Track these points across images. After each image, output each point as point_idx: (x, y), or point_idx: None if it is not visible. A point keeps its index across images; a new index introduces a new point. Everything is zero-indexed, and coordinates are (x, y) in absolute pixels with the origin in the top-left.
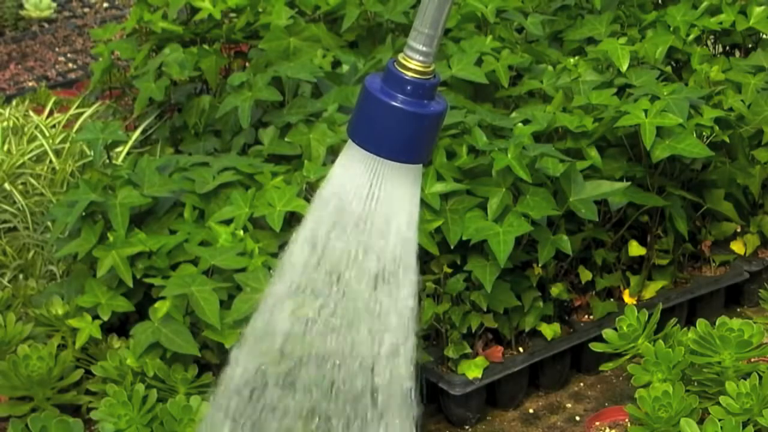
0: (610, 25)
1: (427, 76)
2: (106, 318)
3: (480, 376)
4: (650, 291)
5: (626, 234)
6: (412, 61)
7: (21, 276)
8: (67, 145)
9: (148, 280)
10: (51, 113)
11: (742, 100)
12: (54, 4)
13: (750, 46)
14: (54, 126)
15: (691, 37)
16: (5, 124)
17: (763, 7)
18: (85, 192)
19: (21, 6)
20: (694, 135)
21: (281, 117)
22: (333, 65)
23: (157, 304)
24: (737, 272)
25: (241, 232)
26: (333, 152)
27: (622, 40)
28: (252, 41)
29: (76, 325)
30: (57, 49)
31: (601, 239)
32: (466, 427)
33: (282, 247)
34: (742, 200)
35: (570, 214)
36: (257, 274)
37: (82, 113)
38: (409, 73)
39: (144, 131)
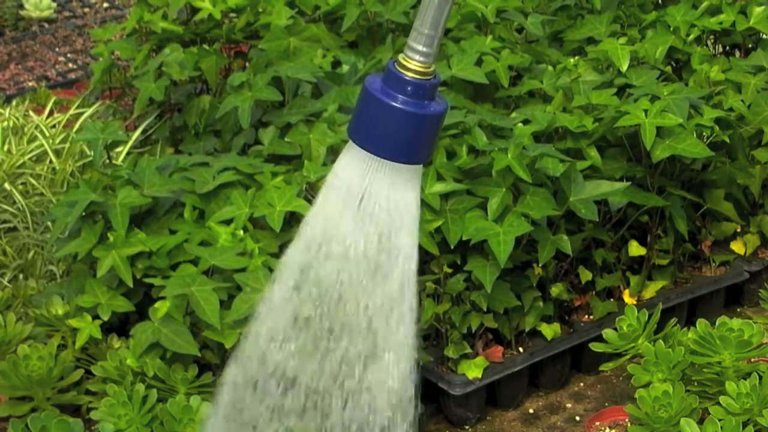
0: (610, 25)
1: (428, 77)
2: (106, 318)
3: (480, 376)
4: (650, 291)
5: (626, 234)
6: (413, 62)
7: (21, 276)
8: (67, 145)
9: (148, 280)
10: (51, 113)
11: (742, 100)
12: (54, 4)
13: (750, 46)
14: (54, 126)
15: (691, 37)
16: (5, 124)
17: (763, 7)
18: (85, 192)
19: (21, 6)
20: (694, 135)
21: (281, 117)
22: (333, 65)
23: (157, 304)
24: (737, 272)
25: (241, 232)
26: (333, 152)
27: (622, 40)
28: (252, 41)
29: (76, 325)
30: (57, 49)
31: (601, 239)
32: (466, 427)
33: (282, 247)
34: (742, 200)
35: (570, 214)
36: (257, 274)
37: (82, 113)
38: (410, 74)
39: (144, 131)
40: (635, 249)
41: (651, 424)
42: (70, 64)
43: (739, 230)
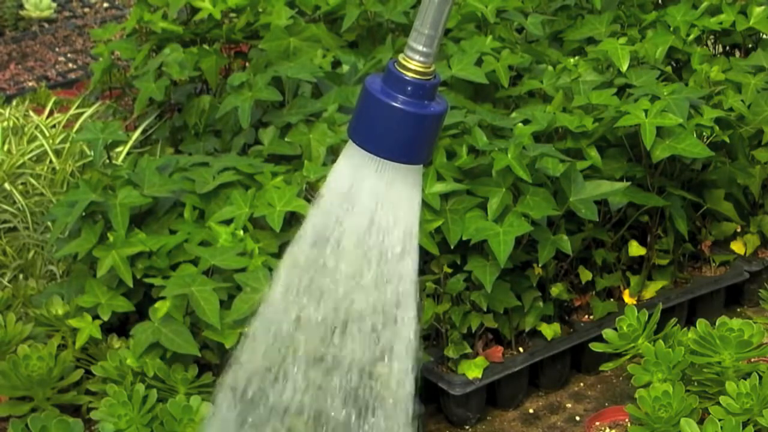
0: (610, 25)
1: (428, 77)
2: (106, 318)
3: (480, 376)
4: (650, 291)
5: (626, 234)
6: (413, 62)
7: (21, 276)
8: (67, 145)
9: (148, 280)
10: (51, 113)
11: (742, 100)
12: (54, 4)
13: (750, 46)
14: (54, 126)
15: (691, 37)
16: (5, 124)
17: (763, 7)
18: (85, 192)
19: (21, 6)
20: (694, 135)
21: (281, 117)
22: (333, 65)
23: (157, 304)
24: (737, 272)
25: (241, 232)
26: (333, 152)
27: (622, 40)
28: (252, 41)
29: (76, 325)
30: (57, 49)
31: (601, 239)
32: (466, 427)
33: (282, 247)
34: (742, 200)
35: (570, 214)
36: (257, 274)
37: (82, 113)
38: (410, 74)
39: (144, 131)
40: (635, 249)
41: (651, 424)
42: (70, 64)
43: (739, 230)
